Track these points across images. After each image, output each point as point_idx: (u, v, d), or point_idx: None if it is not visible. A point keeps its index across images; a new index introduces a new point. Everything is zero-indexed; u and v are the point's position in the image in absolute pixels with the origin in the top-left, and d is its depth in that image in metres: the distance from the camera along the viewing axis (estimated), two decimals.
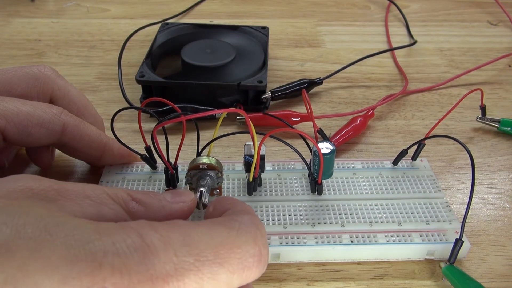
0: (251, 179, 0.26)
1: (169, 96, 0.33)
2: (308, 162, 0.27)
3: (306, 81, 0.38)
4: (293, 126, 0.34)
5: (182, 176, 0.27)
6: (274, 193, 0.27)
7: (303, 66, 0.43)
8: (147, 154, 0.28)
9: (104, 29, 0.48)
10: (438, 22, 0.52)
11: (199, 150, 0.27)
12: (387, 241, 0.24)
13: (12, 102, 0.24)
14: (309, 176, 0.27)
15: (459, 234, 0.24)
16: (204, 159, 0.25)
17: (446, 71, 0.43)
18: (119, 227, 0.16)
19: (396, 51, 0.45)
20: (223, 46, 0.39)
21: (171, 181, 0.27)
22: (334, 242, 0.24)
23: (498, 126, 0.35)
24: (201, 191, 0.24)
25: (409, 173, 0.29)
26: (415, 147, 0.29)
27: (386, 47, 0.47)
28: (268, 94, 0.36)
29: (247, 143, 0.26)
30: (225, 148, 0.33)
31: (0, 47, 0.45)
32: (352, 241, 0.24)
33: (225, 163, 0.29)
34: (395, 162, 0.29)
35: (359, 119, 0.34)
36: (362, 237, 0.24)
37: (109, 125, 0.26)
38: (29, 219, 0.15)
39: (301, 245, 0.24)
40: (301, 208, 0.26)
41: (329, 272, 0.25)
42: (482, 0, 0.56)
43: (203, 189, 0.24)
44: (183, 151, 0.30)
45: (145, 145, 0.27)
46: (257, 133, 0.25)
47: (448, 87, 0.40)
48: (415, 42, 0.47)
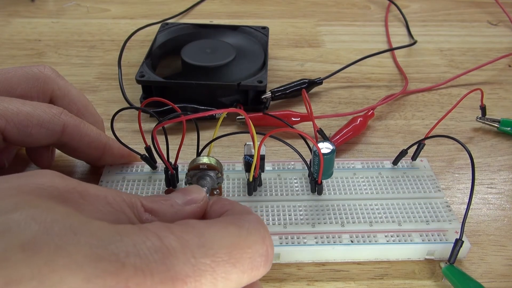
0: (251, 179, 0.26)
1: (169, 96, 0.33)
2: (308, 162, 0.27)
3: (306, 81, 0.38)
4: (293, 126, 0.34)
5: (182, 176, 0.27)
6: (274, 193, 0.27)
7: (303, 66, 0.43)
8: (147, 154, 0.28)
9: (104, 29, 0.48)
10: (438, 22, 0.52)
11: (199, 150, 0.27)
12: (387, 241, 0.24)
13: (12, 102, 0.24)
14: (309, 176, 0.27)
15: (459, 234, 0.24)
16: (204, 159, 0.25)
17: (446, 71, 0.43)
18: (138, 230, 0.16)
19: (396, 51, 0.45)
20: (223, 46, 0.39)
21: (171, 181, 0.27)
22: (334, 242, 0.24)
23: (498, 126, 0.35)
24: None
25: (409, 173, 0.29)
26: (415, 147, 0.29)
27: (386, 47, 0.47)
28: (268, 94, 0.36)
29: (247, 143, 0.26)
30: (225, 148, 0.33)
31: (0, 47, 0.45)
32: (352, 241, 0.24)
33: (225, 163, 0.29)
34: (395, 162, 0.29)
35: (359, 119, 0.34)
36: (362, 237, 0.24)
37: (109, 125, 0.26)
38: (56, 217, 0.15)
39: (301, 245, 0.24)
40: (301, 208, 0.26)
41: (329, 272, 0.25)
42: (482, 0, 0.56)
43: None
44: (183, 151, 0.30)
45: (145, 145, 0.27)
46: (257, 133, 0.25)
47: (448, 87, 0.40)
48: (415, 42, 0.47)
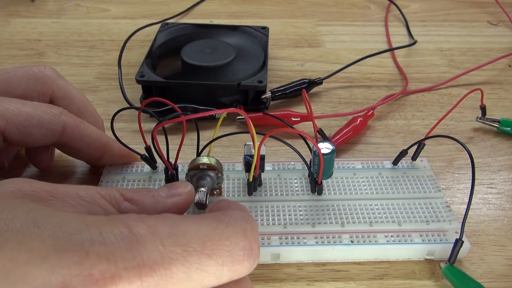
0: (251, 179, 0.26)
1: (169, 96, 0.33)
2: (308, 162, 0.27)
3: (306, 81, 0.38)
4: (293, 126, 0.34)
5: (182, 176, 0.27)
6: (274, 193, 0.27)
7: (303, 66, 0.43)
8: (147, 154, 0.28)
9: (104, 29, 0.48)
10: (438, 22, 0.52)
11: (199, 150, 0.27)
12: (387, 241, 0.24)
13: (12, 103, 0.24)
14: (309, 176, 0.27)
15: (459, 234, 0.24)
16: (204, 159, 0.25)
17: (446, 71, 0.43)
18: (108, 220, 0.16)
19: (396, 51, 0.45)
20: (223, 46, 0.39)
21: (171, 181, 0.27)
22: (334, 242, 0.24)
23: (498, 126, 0.35)
24: (201, 191, 0.24)
25: (409, 173, 0.29)
26: (415, 147, 0.29)
27: (386, 47, 0.47)
28: (268, 94, 0.36)
29: (247, 143, 0.26)
30: (225, 148, 0.33)
31: (0, 47, 0.45)
32: (352, 241, 0.24)
33: (225, 163, 0.29)
34: (395, 162, 0.29)
35: (359, 119, 0.34)
36: (362, 237, 0.24)
37: (109, 125, 0.26)
38: (18, 213, 0.15)
39: (301, 245, 0.24)
40: (301, 208, 0.26)
41: (329, 272, 0.25)
42: (482, 0, 0.56)
43: (203, 189, 0.24)
44: (183, 151, 0.30)
45: (145, 145, 0.27)
46: (257, 133, 0.25)
47: (448, 87, 0.40)
48: (415, 42, 0.47)
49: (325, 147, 0.25)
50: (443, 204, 0.26)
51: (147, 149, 0.28)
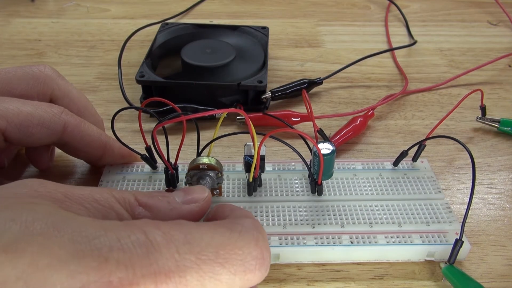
0: (251, 180, 0.26)
1: (169, 96, 0.33)
2: (308, 163, 0.27)
3: (306, 81, 0.38)
4: (293, 126, 0.34)
5: (182, 176, 0.27)
6: (274, 194, 0.27)
7: (303, 66, 0.43)
8: (147, 154, 0.28)
9: (104, 29, 0.48)
10: (438, 22, 0.52)
11: (199, 150, 0.27)
12: (387, 242, 0.24)
13: (13, 103, 0.24)
14: (309, 177, 0.27)
15: (459, 235, 0.24)
16: (204, 159, 0.25)
17: (446, 71, 0.43)
18: (124, 225, 0.16)
19: (396, 51, 0.45)
20: (223, 46, 0.39)
21: (171, 181, 0.27)
22: (334, 243, 0.24)
23: (498, 126, 0.35)
24: None
25: (410, 174, 0.29)
26: (415, 148, 0.29)
27: (386, 47, 0.47)
28: (268, 94, 0.36)
29: (247, 144, 0.26)
30: (225, 148, 0.33)
31: (0, 47, 0.45)
32: (352, 242, 0.24)
33: (225, 163, 0.29)
34: (396, 163, 0.29)
35: (359, 119, 0.34)
36: (362, 238, 0.24)
37: (109, 125, 0.26)
38: (37, 216, 0.15)
39: (301, 246, 0.24)
40: (301, 209, 0.26)
41: (329, 272, 0.25)
42: (482, 0, 0.56)
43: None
44: (183, 151, 0.30)
45: (145, 145, 0.27)
46: (257, 133, 0.25)
47: (448, 87, 0.40)
48: (415, 42, 0.47)
49: (325, 148, 0.25)
50: (444, 205, 0.26)
51: (147, 149, 0.28)
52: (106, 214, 0.18)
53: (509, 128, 0.34)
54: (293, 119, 0.35)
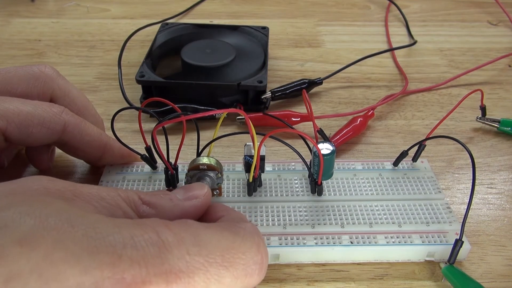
0: (251, 180, 0.26)
1: (169, 96, 0.33)
2: (308, 163, 0.27)
3: (306, 81, 0.38)
4: (293, 126, 0.34)
5: (182, 176, 0.27)
6: (274, 194, 0.27)
7: (303, 66, 0.43)
8: (147, 154, 0.28)
9: (104, 29, 0.48)
10: (438, 22, 0.52)
11: (199, 150, 0.27)
12: (387, 242, 0.24)
13: (13, 102, 0.24)
14: (309, 177, 0.27)
15: (459, 235, 0.24)
16: (204, 160, 0.25)
17: (446, 71, 0.43)
18: (136, 223, 0.16)
19: (396, 51, 0.45)
20: (223, 46, 0.39)
21: (171, 181, 0.27)
22: (334, 243, 0.24)
23: (498, 126, 0.35)
24: None
25: (410, 174, 0.29)
26: (415, 148, 0.29)
27: (386, 47, 0.47)
28: (268, 94, 0.36)
29: (247, 144, 0.26)
30: (225, 148, 0.33)
31: (0, 47, 0.45)
32: (352, 242, 0.24)
33: (225, 164, 0.29)
34: (396, 163, 0.29)
35: (359, 119, 0.34)
36: (362, 238, 0.24)
37: (109, 125, 0.26)
38: (51, 211, 0.15)
39: (301, 246, 0.24)
40: (301, 209, 0.26)
41: (329, 272, 0.25)
42: (482, 0, 0.56)
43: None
44: (183, 151, 0.30)
45: (145, 145, 0.27)
46: (257, 134, 0.25)
47: (448, 87, 0.40)
48: (415, 42, 0.47)
49: (325, 148, 0.25)
50: (444, 206, 0.26)
51: (147, 149, 0.28)
52: (113, 212, 0.18)
53: (509, 128, 0.34)
54: (293, 119, 0.35)
